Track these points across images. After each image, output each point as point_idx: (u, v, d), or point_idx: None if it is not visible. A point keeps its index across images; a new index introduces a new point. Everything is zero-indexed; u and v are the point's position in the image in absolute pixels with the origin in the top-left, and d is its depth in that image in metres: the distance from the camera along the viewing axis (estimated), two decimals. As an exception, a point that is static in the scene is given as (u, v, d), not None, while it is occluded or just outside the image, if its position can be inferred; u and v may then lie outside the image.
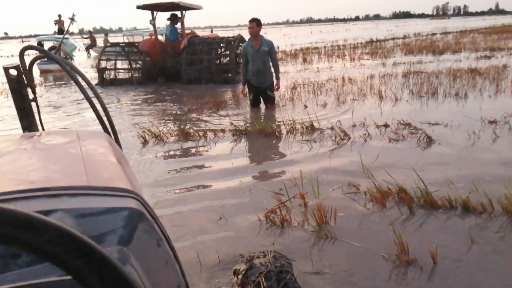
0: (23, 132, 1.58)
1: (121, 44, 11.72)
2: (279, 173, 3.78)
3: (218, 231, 2.75)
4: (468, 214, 2.77)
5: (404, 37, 27.21)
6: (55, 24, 20.49)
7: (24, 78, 1.53)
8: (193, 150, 4.65)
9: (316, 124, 5.16)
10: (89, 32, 29.47)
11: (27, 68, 1.61)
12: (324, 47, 21.01)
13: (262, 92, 6.63)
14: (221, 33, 14.68)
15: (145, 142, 4.96)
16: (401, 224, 2.68)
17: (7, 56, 32.41)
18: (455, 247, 2.38)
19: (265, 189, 3.39)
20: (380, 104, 6.50)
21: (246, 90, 6.70)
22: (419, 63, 11.66)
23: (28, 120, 1.58)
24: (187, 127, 5.62)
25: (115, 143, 1.34)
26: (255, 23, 6.29)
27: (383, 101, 6.72)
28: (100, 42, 28.33)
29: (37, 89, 1.58)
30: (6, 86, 11.64)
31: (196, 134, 5.16)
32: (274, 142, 4.81)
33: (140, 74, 11.01)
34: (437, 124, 5.06)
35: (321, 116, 5.60)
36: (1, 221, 0.31)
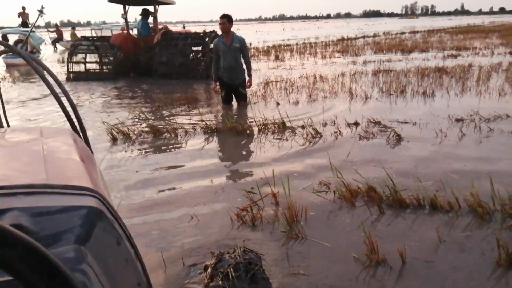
0: None
1: (92, 38, 11.41)
2: (250, 172, 3.75)
3: (190, 231, 2.69)
4: (436, 212, 2.82)
5: (374, 35, 27.68)
6: (19, 16, 19.74)
7: None
8: (163, 148, 4.56)
9: (287, 123, 5.15)
10: (56, 25, 28.56)
11: None
12: (296, 44, 21.10)
13: (234, 89, 6.57)
14: (193, 29, 14.47)
15: (114, 140, 4.83)
16: (371, 223, 2.70)
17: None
18: (423, 246, 2.41)
19: (237, 188, 3.36)
20: (350, 102, 6.57)
21: (218, 87, 6.63)
22: (389, 61, 11.88)
23: None
24: (158, 124, 5.51)
25: (81, 141, 1.33)
26: (226, 19, 6.21)
27: (354, 99, 6.80)
28: (67, 35, 27.51)
29: (1, 84, 1.53)
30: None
31: (166, 131, 5.06)
32: (245, 140, 4.78)
33: (111, 69, 10.74)
34: (405, 122, 5.15)
35: (293, 114, 5.59)
36: None
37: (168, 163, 4.06)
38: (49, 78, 1.52)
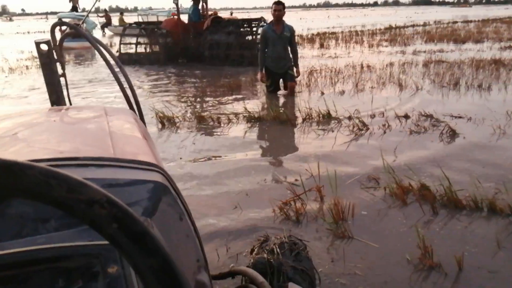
0: (52, 106, 1.62)
1: (143, 23, 11.61)
2: (294, 163, 3.64)
3: (233, 220, 2.64)
4: (494, 216, 2.61)
5: (424, 24, 26.51)
6: (69, 1, 20.32)
7: (54, 53, 1.56)
8: (206, 135, 4.52)
9: (333, 113, 4.99)
10: (105, 10, 29.31)
11: (57, 44, 1.66)
12: (342, 32, 20.55)
13: (282, 75, 6.42)
14: (239, 16, 14.41)
15: (161, 125, 4.86)
16: (424, 224, 2.53)
17: (23, 33, 32.56)
18: (481, 252, 2.23)
19: (280, 179, 3.27)
20: (399, 94, 6.28)
21: (264, 76, 6.45)
22: (440, 51, 11.31)
23: (56, 95, 1.60)
24: (202, 110, 5.50)
25: (140, 120, 1.37)
26: (282, 6, 5.89)
27: (403, 90, 6.50)
28: (115, 21, 28.19)
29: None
30: (21, 63, 11.75)
31: (210, 118, 5.03)
32: (289, 130, 4.66)
33: (160, 54, 10.89)
34: (460, 117, 4.84)
35: (338, 104, 5.40)
36: (56, 185, 0.32)
37: (210, 150, 4.02)
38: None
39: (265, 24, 10.82)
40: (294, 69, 6.35)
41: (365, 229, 2.50)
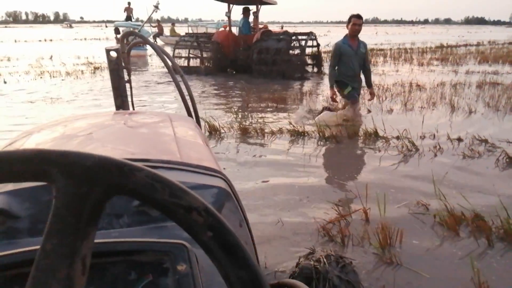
0: (116, 110, 1.67)
1: (195, 34, 12.00)
2: (338, 182, 3.54)
3: (276, 235, 2.59)
4: (558, 254, 2.40)
5: (478, 44, 25.55)
6: (124, 11, 21.18)
7: (122, 61, 1.65)
8: (249, 147, 4.51)
9: (380, 132, 4.84)
10: (157, 21, 30.30)
11: (125, 52, 1.75)
12: (390, 49, 20.15)
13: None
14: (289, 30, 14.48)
15: (208, 134, 4.90)
16: (478, 257, 2.37)
17: (80, 39, 34.28)
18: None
19: (323, 198, 3.18)
20: (451, 115, 6.02)
21: (336, 95, 5.67)
22: (495, 73, 10.80)
23: (121, 99, 1.67)
24: (247, 122, 5.51)
25: (199, 128, 1.44)
26: (362, 20, 5.39)
27: (455, 112, 6.23)
28: (166, 31, 29.07)
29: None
30: (77, 67, 12.33)
31: (254, 130, 5.03)
32: (334, 147, 4.57)
33: (210, 65, 11.11)
34: (517, 143, 4.57)
35: (386, 123, 5.24)
36: (161, 189, 0.34)
37: (252, 163, 4.00)
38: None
39: (313, 38, 10.82)
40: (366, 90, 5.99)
41: (414, 257, 2.37)
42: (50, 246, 0.32)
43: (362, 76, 5.69)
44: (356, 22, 5.31)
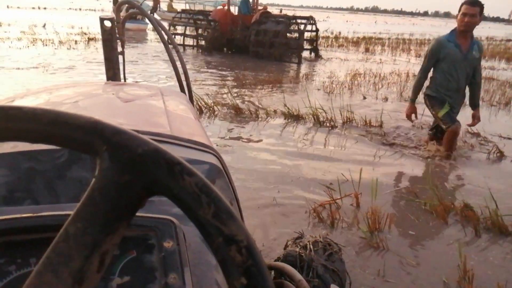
0: (107, 81, 1.63)
1: (192, 12, 11.85)
2: (329, 166, 3.54)
3: (266, 218, 2.59)
4: (543, 247, 2.44)
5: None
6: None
7: (116, 31, 1.60)
8: (242, 127, 4.49)
9: (374, 119, 4.84)
10: (155, -6, 29.75)
11: (120, 22, 1.71)
12: (389, 39, 20.10)
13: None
14: (286, 13, 14.32)
15: (199, 112, 4.86)
16: (465, 246, 2.39)
17: (75, 9, 33.57)
18: (527, 283, 2.09)
19: (315, 181, 3.19)
20: (445, 107, 6.03)
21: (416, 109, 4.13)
22: (491, 69, 10.84)
23: (113, 71, 1.63)
24: (241, 101, 5.46)
25: (191, 104, 1.39)
26: (480, 9, 3.62)
27: (450, 104, 6.24)
28: (164, 6, 28.59)
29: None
30: (70, 37, 12.08)
31: (248, 110, 4.99)
32: (327, 131, 4.56)
33: (206, 43, 10.99)
34: (509, 138, 4.61)
35: (380, 110, 5.24)
36: (205, 205, 0.29)
37: (245, 143, 3.98)
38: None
39: (312, 23, 10.67)
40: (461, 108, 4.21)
41: (401, 243, 2.39)
42: (73, 229, 0.29)
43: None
44: (466, 11, 3.60)
